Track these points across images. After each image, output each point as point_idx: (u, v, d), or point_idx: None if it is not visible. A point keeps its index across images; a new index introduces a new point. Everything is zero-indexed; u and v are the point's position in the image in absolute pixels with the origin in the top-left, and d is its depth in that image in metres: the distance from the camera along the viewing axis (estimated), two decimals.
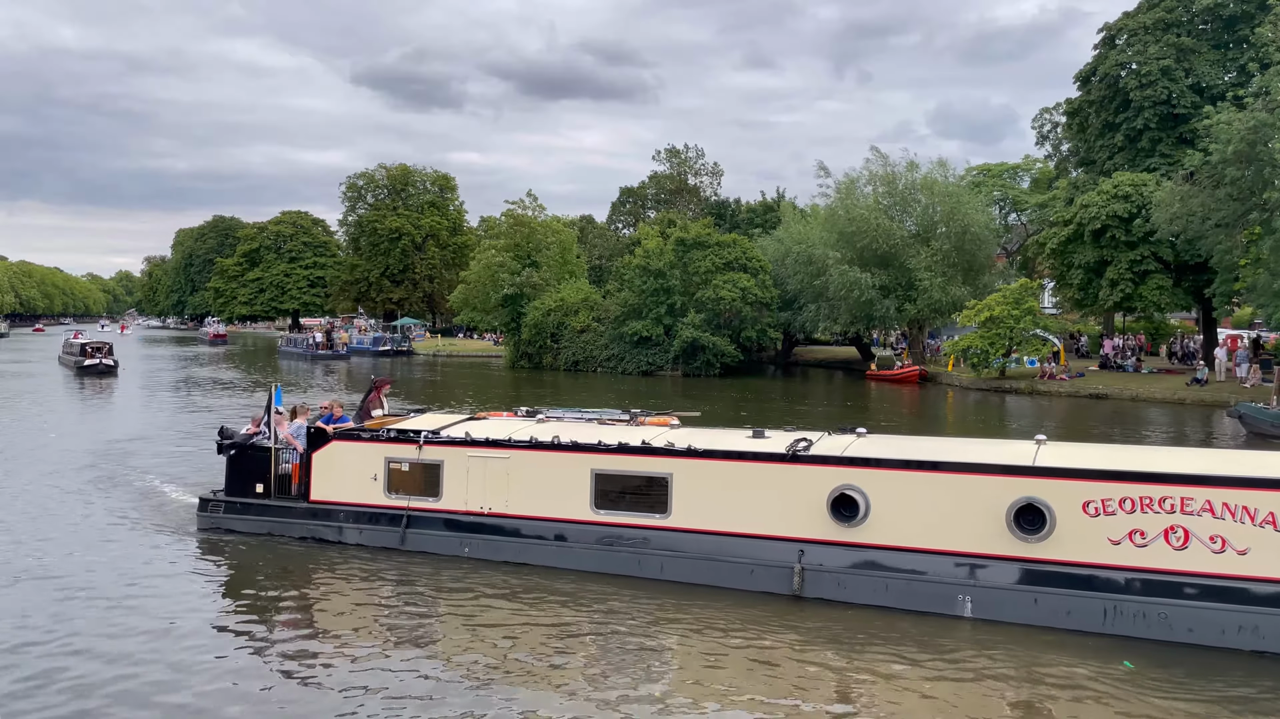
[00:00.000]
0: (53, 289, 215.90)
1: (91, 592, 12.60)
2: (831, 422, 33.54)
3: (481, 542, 13.84)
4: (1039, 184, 67.83)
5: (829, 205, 58.50)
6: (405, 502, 14.33)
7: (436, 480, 14.16)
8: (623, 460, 13.20)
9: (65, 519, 16.67)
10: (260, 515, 15.36)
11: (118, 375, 51.41)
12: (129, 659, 10.25)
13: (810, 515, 12.08)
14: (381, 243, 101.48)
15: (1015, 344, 44.60)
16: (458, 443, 14.09)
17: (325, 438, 14.93)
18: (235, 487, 15.66)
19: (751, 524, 12.44)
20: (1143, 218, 41.96)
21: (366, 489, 14.56)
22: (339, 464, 14.81)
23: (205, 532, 15.52)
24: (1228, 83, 44.92)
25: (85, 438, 26.71)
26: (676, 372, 55.62)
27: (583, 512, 13.30)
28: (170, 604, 12.18)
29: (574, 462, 13.40)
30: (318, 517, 14.91)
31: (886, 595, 11.65)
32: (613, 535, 13.07)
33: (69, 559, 14.14)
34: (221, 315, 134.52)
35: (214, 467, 20.41)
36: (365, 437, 14.71)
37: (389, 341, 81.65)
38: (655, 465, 13.00)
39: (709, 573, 12.51)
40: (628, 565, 12.94)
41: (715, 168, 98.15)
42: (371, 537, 14.49)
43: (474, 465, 13.92)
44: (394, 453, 14.46)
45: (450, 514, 14.06)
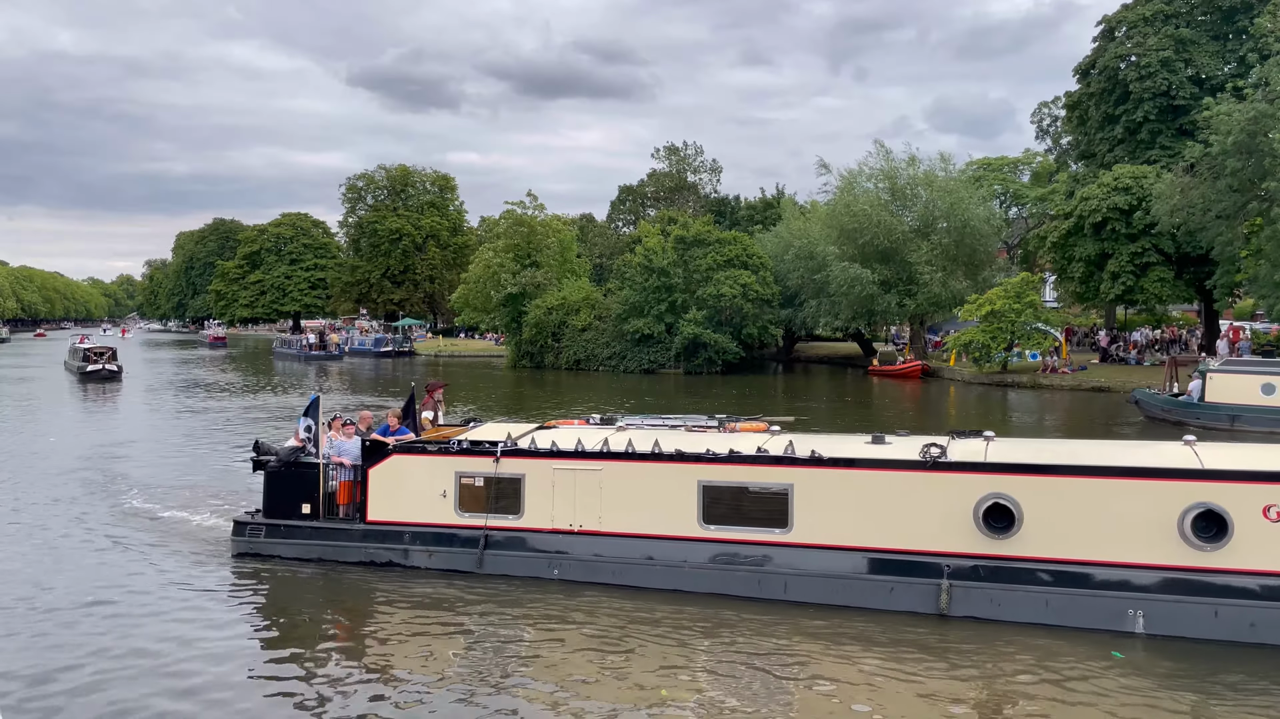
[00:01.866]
0: (54, 293, 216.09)
1: (120, 635, 11.02)
2: (836, 418, 33.64)
3: (573, 563, 12.63)
4: (1039, 178, 67.82)
5: (830, 201, 58.51)
6: (481, 520, 13.05)
7: (517, 496, 12.92)
8: (736, 471, 12.10)
9: (84, 550, 14.94)
10: (308, 539, 13.84)
11: (122, 381, 50.48)
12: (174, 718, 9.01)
13: (956, 527, 11.19)
14: (382, 244, 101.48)
15: (1017, 338, 44.58)
16: (541, 454, 12.88)
17: (384, 451, 13.57)
18: (277, 507, 14.13)
19: (889, 538, 11.45)
20: (1143, 210, 41.95)
21: (435, 507, 13.26)
22: (401, 480, 13.47)
23: (242, 558, 14.01)
24: (1227, 74, 44.90)
25: (94, 453, 24.74)
26: (678, 369, 55.63)
27: (690, 528, 12.19)
28: (211, 647, 10.73)
29: (678, 473, 12.28)
30: (377, 539, 13.51)
31: (1046, 612, 10.77)
32: (726, 553, 12.00)
33: (90, 598, 12.46)
34: (223, 318, 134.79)
35: (236, 484, 19.72)
36: (432, 449, 13.39)
37: (390, 343, 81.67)
38: (774, 476, 11.95)
39: (841, 592, 11.52)
40: (746, 586, 11.85)
41: (714, 165, 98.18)
42: (443, 559, 13.17)
43: (561, 479, 12.73)
44: (466, 466, 13.14)
45: (535, 533, 12.85)
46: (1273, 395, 27.87)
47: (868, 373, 53.74)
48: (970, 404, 38.75)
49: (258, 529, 14.19)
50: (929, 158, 55.67)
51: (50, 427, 31.56)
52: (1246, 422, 27.75)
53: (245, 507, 16.91)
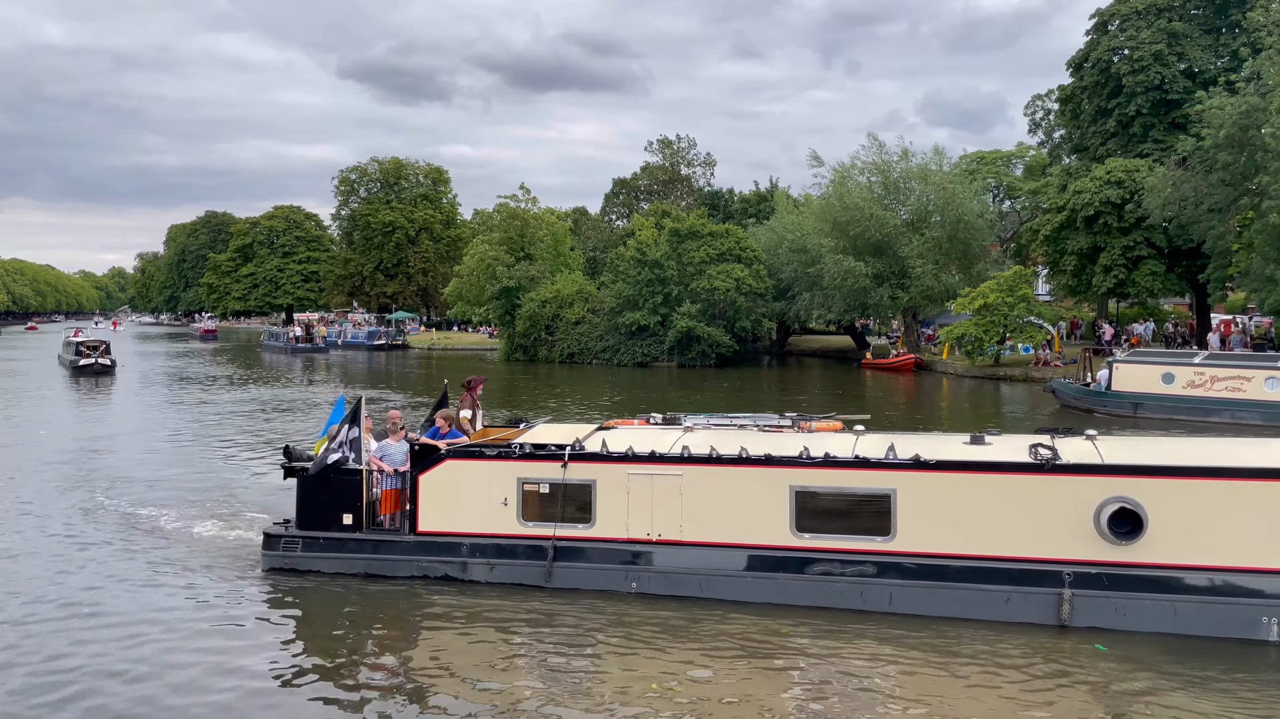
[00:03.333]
0: (45, 286, 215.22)
1: (147, 663, 9.99)
2: (828, 410, 33.57)
3: (654, 575, 11.80)
4: (1032, 171, 67.88)
5: (822, 194, 58.52)
6: (548, 530, 12.11)
7: (587, 503, 12.05)
8: (832, 475, 11.38)
9: (94, 567, 13.64)
10: (351, 552, 12.75)
11: (115, 375, 49.42)
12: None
13: (1076, 533, 10.60)
14: (375, 236, 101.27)
15: (1009, 332, 44.68)
16: (614, 458, 11.99)
17: (436, 456, 12.62)
18: (314, 518, 12.96)
19: (1002, 546, 10.81)
20: (1135, 204, 42.03)
21: (495, 516, 12.29)
22: (456, 487, 12.49)
23: (276, 573, 12.88)
24: (1220, 68, 44.94)
25: (91, 456, 23.48)
26: (672, 363, 55.68)
27: (782, 536, 11.44)
28: (249, 674, 9.75)
29: (768, 478, 11.50)
30: (431, 551, 12.50)
31: (1175, 621, 10.27)
32: (823, 564, 11.32)
33: (109, 617, 11.42)
34: (215, 311, 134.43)
35: (246, 490, 18.84)
36: (491, 454, 12.42)
37: (383, 335, 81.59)
38: (875, 481, 11.23)
39: (953, 603, 10.86)
40: (847, 597, 11.16)
41: (708, 158, 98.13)
42: (506, 573, 12.22)
43: (637, 484, 11.87)
44: (530, 472, 12.19)
45: (608, 543, 11.97)
46: (1172, 385, 29.29)
47: (860, 366, 53.86)
48: (963, 397, 38.84)
49: (293, 542, 13.00)
50: (922, 151, 55.75)
51: (43, 423, 31.39)
52: (1148, 409, 29.25)
53: (258, 515, 16.17)
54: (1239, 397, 28.16)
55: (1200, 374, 28.86)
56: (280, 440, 25.54)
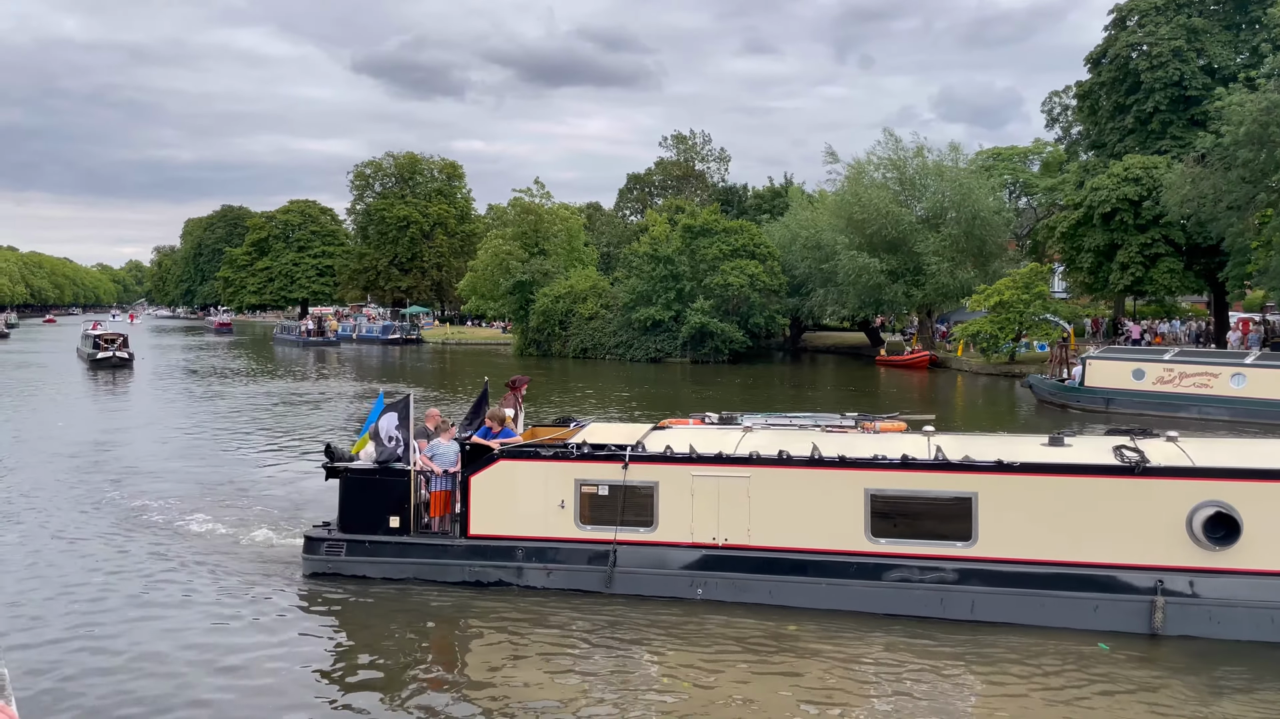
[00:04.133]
0: (63, 279, 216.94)
1: (179, 674, 9.57)
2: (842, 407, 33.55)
3: (721, 581, 11.37)
4: (1049, 167, 67.48)
5: (837, 191, 58.33)
6: (609, 533, 11.70)
7: (649, 506, 11.64)
8: (909, 478, 10.97)
9: (125, 570, 13.10)
10: (399, 557, 12.28)
11: (133, 369, 49.45)
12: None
13: (1169, 539, 10.30)
14: (390, 231, 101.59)
15: (1025, 329, 44.46)
16: (678, 459, 11.57)
17: (489, 456, 12.15)
18: (358, 520, 12.47)
19: (1091, 551, 10.47)
20: (1153, 201, 41.74)
21: (551, 519, 11.87)
22: (511, 489, 12.07)
23: (317, 578, 12.38)
24: (1240, 64, 44.55)
25: (112, 453, 22.71)
26: (685, 358, 55.67)
27: (856, 541, 11.05)
28: (293, 685, 9.38)
29: (841, 480, 11.11)
30: (484, 555, 12.04)
31: (1272, 629, 10.01)
32: (900, 570, 10.91)
33: (143, 627, 10.93)
34: (231, 305, 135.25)
35: (283, 490, 18.21)
36: (547, 454, 12.01)
37: (398, 330, 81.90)
38: (955, 484, 10.85)
39: (1038, 611, 10.51)
40: (926, 605, 10.77)
41: (722, 154, 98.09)
42: (564, 578, 11.80)
43: (702, 487, 11.46)
44: (588, 473, 11.78)
45: (672, 548, 11.57)
46: (1142, 380, 30.14)
47: (875, 362, 53.73)
48: (977, 394, 38.71)
49: (336, 546, 12.49)
50: (938, 148, 55.52)
51: (61, 418, 31.62)
52: (1119, 404, 30.03)
53: (289, 516, 15.73)
54: (1206, 392, 28.89)
55: (1169, 371, 29.63)
56: (301, 436, 25.67)
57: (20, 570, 13.12)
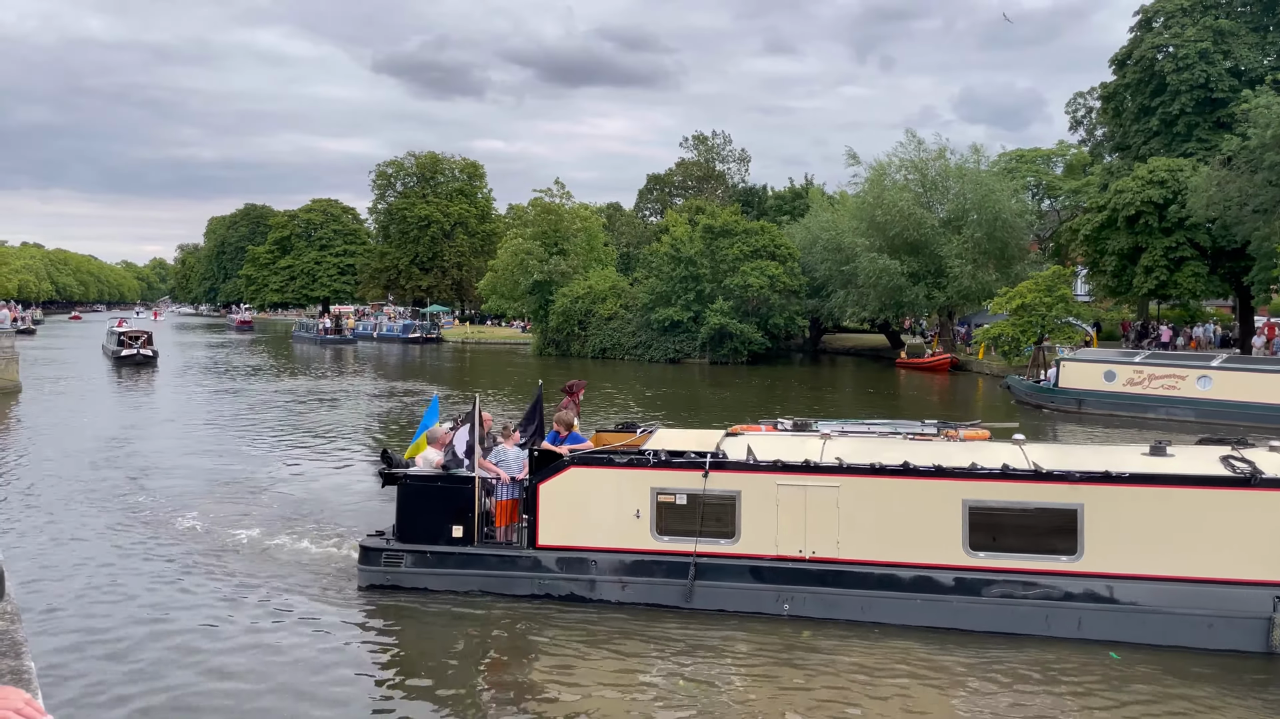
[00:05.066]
0: (88, 276, 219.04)
1: (234, 693, 9.14)
2: (862, 409, 33.57)
3: (810, 596, 10.86)
4: (1073, 169, 67.00)
5: (859, 193, 58.16)
6: (688, 545, 11.13)
7: (731, 517, 11.12)
8: (1010, 489, 10.51)
9: (167, 580, 12.46)
10: (463, 568, 11.72)
11: (157, 367, 49.27)
12: None
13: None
14: (411, 230, 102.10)
15: (1047, 332, 44.19)
16: (761, 468, 11.07)
17: (559, 463, 11.61)
18: (419, 530, 11.86)
19: (1204, 567, 10.09)
20: (1178, 204, 41.39)
21: (626, 530, 11.33)
22: (583, 497, 11.52)
23: (375, 591, 11.77)
24: (1267, 66, 44.13)
25: (141, 455, 22.04)
26: (704, 359, 55.67)
27: (954, 555, 10.58)
28: (356, 707, 9.03)
29: (938, 491, 10.67)
30: (554, 568, 11.53)
31: None
32: (1002, 585, 10.44)
33: (187, 640, 10.40)
34: (254, 303, 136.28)
35: (320, 495, 17.74)
36: (621, 461, 11.49)
37: (418, 329, 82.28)
38: (1059, 495, 10.42)
39: (1150, 629, 10.10)
40: (1030, 623, 10.32)
41: (743, 154, 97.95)
42: (641, 592, 11.27)
43: (788, 497, 10.94)
44: (665, 481, 11.24)
45: (756, 561, 11.05)
46: (1113, 382, 30.80)
47: (895, 365, 53.54)
48: (998, 397, 38.51)
49: (396, 557, 11.85)
50: (960, 149, 55.25)
51: (86, 415, 31.96)
52: (1091, 405, 30.85)
53: (326, 523, 15.21)
54: (1174, 394, 29.55)
55: (1139, 373, 30.29)
56: (326, 436, 25.75)
57: (68, 583, 12.40)
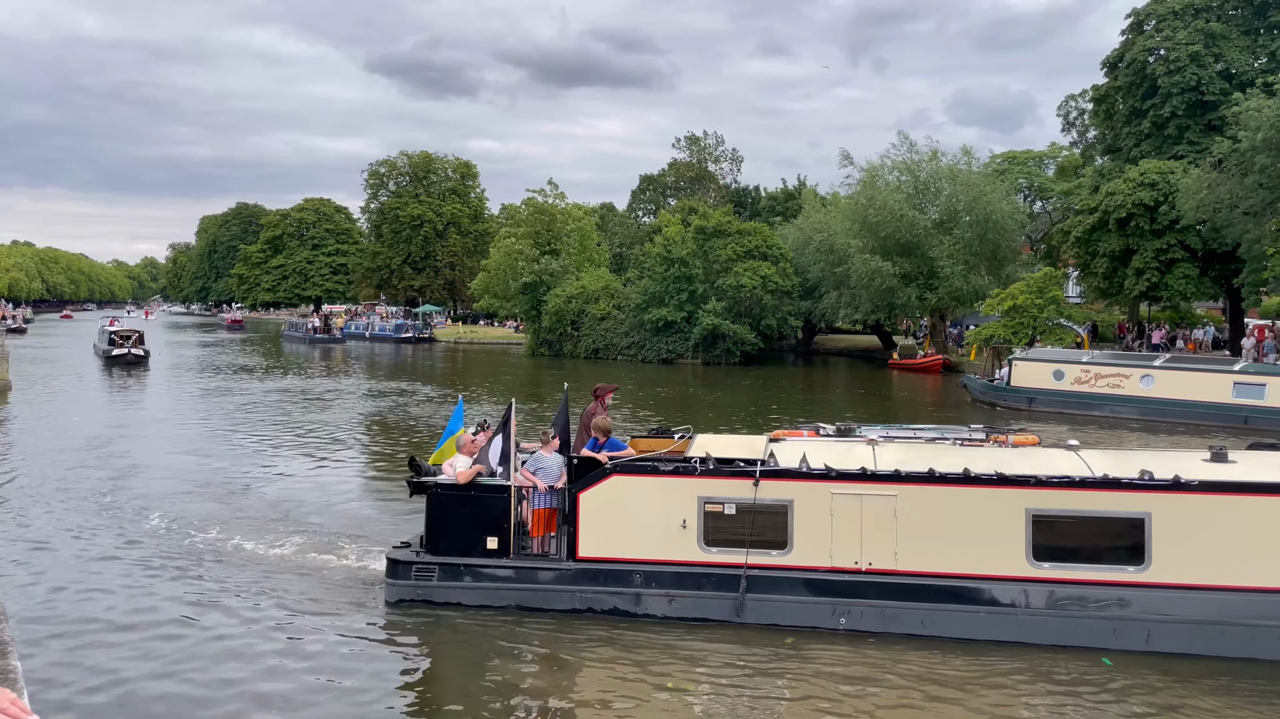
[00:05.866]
0: (79, 275, 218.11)
1: None
2: (856, 410, 33.63)
3: (867, 609, 10.45)
4: (1065, 172, 67.22)
5: (851, 194, 58.24)
6: (738, 557, 10.68)
7: (783, 527, 10.68)
8: (1075, 497, 10.20)
9: (180, 596, 11.78)
10: (499, 582, 11.21)
11: (148, 367, 48.61)
12: None
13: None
14: (403, 230, 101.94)
15: (1038, 334, 44.30)
16: (814, 476, 10.65)
17: (600, 471, 11.13)
18: (451, 541, 11.31)
19: (1277, 576, 9.84)
20: (1169, 206, 41.52)
21: (671, 541, 10.85)
22: (625, 507, 11.04)
23: (404, 606, 11.18)
24: (1258, 69, 44.31)
25: (138, 460, 21.11)
26: (696, 360, 55.68)
27: (1017, 566, 10.24)
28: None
29: (1000, 499, 10.29)
30: (596, 580, 11.01)
31: None
32: (1067, 596, 10.15)
33: (203, 661, 9.83)
34: (245, 302, 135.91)
35: (327, 504, 17.13)
36: (666, 469, 11.04)
37: (410, 328, 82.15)
38: (1126, 503, 10.12)
39: (1224, 641, 9.83)
40: (1097, 635, 10.00)
41: (735, 155, 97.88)
42: (689, 606, 10.80)
43: (842, 506, 10.53)
44: (713, 490, 10.79)
45: (809, 573, 10.61)
46: (1062, 381, 31.76)
47: (887, 366, 53.62)
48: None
49: (427, 570, 11.28)
50: (952, 151, 55.35)
51: (76, 417, 31.78)
52: (1041, 403, 31.75)
53: (341, 533, 14.54)
54: (1118, 392, 30.42)
55: (1086, 372, 31.14)
56: (324, 438, 25.51)
57: (73, 601, 11.75)
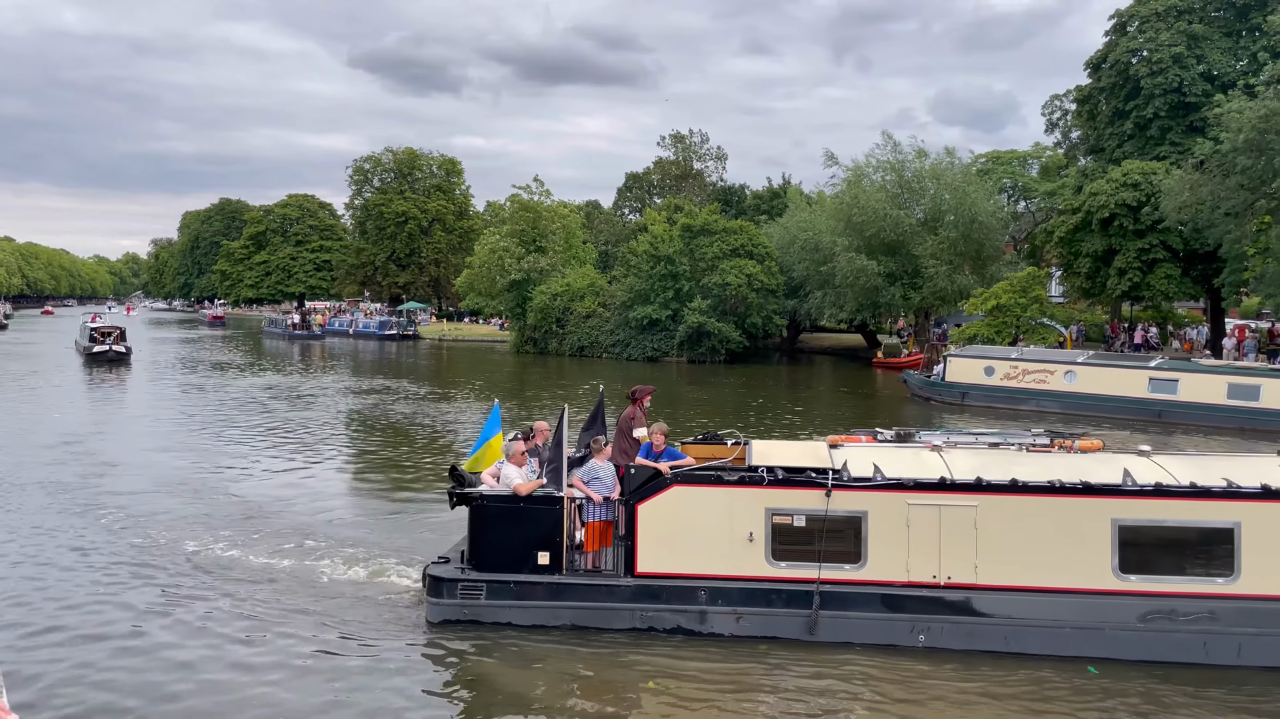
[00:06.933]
0: (60, 270, 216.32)
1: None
2: (840, 408, 33.77)
3: (947, 626, 10.05)
4: (1048, 171, 67.56)
5: (837, 193, 58.36)
6: (810, 572, 10.23)
7: (856, 539, 10.26)
8: (1163, 507, 9.93)
9: (196, 620, 10.95)
10: (553, 600, 10.60)
11: (130, 365, 47.59)
12: None
13: None
14: (388, 226, 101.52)
15: (1022, 333, 44.52)
16: (889, 486, 10.25)
17: (660, 481, 10.60)
18: (499, 557, 10.68)
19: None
20: (1151, 206, 41.79)
21: (737, 555, 10.36)
22: (687, 519, 10.51)
23: (449, 627, 10.52)
24: (1239, 71, 44.63)
25: (114, 463, 20.21)
26: (682, 358, 55.67)
27: (1103, 578, 9.92)
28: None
29: (1086, 509, 9.98)
30: (657, 598, 10.46)
31: None
32: (1156, 610, 9.85)
33: (235, 689, 9.19)
34: (228, 298, 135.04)
35: (334, 513, 16.41)
36: (730, 479, 10.53)
37: (395, 325, 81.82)
38: (1214, 513, 9.88)
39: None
40: (1186, 650, 9.76)
41: (720, 153, 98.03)
42: (759, 624, 10.31)
43: (919, 517, 10.13)
44: (781, 501, 10.35)
45: (885, 588, 10.20)
46: (992, 376, 33.36)
47: (872, 364, 53.76)
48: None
49: (474, 588, 10.64)
50: (936, 151, 55.53)
51: (57, 417, 31.48)
52: (973, 398, 33.23)
53: (366, 549, 13.72)
54: (1043, 388, 31.95)
55: (1015, 368, 32.79)
56: (316, 439, 25.19)
57: (101, 639, 10.60)
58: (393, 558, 13.41)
